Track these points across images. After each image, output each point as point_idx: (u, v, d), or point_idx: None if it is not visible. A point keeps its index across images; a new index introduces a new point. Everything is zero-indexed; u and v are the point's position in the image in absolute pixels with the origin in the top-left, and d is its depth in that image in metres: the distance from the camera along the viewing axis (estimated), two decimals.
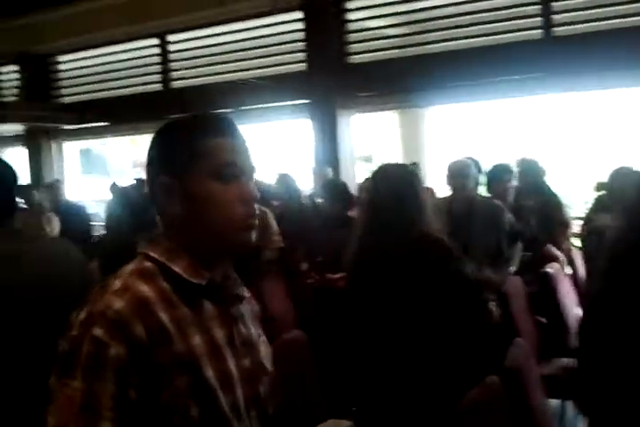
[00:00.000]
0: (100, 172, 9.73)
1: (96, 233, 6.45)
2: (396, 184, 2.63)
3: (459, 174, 3.78)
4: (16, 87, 9.06)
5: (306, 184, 5.99)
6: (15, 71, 9.22)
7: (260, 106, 7.39)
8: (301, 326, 3.82)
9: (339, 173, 6.57)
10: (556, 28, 5.88)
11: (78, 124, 8.89)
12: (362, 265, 2.69)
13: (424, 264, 2.53)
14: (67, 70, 9.29)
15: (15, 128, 8.90)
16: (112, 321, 1.00)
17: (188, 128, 1.17)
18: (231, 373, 1.12)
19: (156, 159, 1.18)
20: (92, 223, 6.68)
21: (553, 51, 5.77)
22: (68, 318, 1.08)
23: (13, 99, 8.89)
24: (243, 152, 1.17)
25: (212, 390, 1.07)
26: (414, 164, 6.00)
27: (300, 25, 7.11)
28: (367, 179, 4.25)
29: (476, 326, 2.74)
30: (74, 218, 5.80)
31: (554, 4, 5.87)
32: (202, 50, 7.97)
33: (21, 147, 9.55)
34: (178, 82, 8.24)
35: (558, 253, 4.49)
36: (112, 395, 0.98)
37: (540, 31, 5.95)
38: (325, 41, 6.88)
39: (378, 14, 6.92)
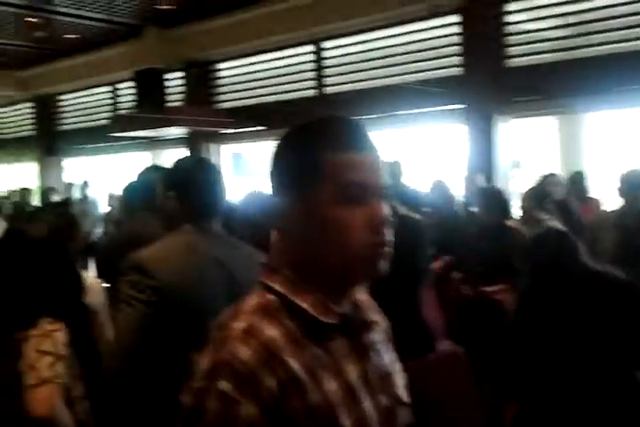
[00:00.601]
0: (248, 174, 10.08)
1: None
2: None
3: (634, 186, 3.54)
4: (180, 93, 9.60)
5: (459, 191, 5.88)
6: (180, 78, 9.76)
7: (414, 111, 7.35)
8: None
9: (493, 180, 6.39)
10: None
11: (235, 128, 9.28)
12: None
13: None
14: (226, 77, 9.75)
15: (179, 131, 9.44)
16: (240, 374, 0.90)
17: (312, 139, 1.02)
18: (369, 417, 1.01)
19: (278, 172, 1.04)
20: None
21: None
22: None
23: (178, 104, 9.42)
24: (374, 169, 1.01)
25: None
26: (578, 173, 5.72)
27: (457, 29, 6.99)
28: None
29: None
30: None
31: None
32: (356, 55, 8.06)
33: (182, 149, 10.10)
34: (332, 87, 8.38)
35: None
36: None
37: None
38: (483, 44, 6.71)
39: (539, 16, 6.66)
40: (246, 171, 10.20)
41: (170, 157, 10.65)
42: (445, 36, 7.18)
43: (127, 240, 3.11)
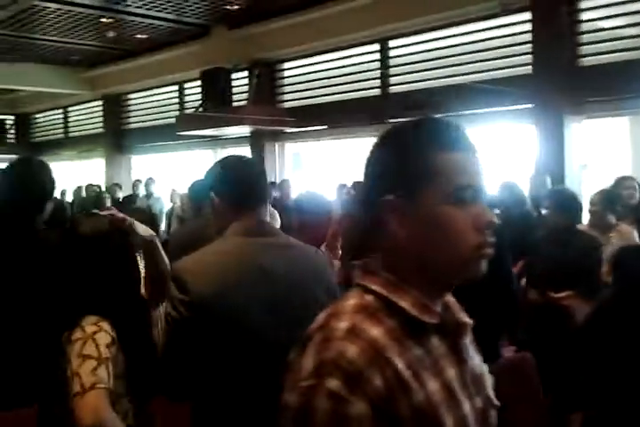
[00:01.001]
0: (308, 171, 10.13)
1: None
2: None
3: None
4: (245, 92, 9.70)
5: (528, 192, 5.74)
6: (245, 77, 9.87)
7: (482, 110, 7.23)
8: None
9: (564, 181, 6.22)
10: None
11: (299, 127, 9.32)
12: None
13: None
14: (290, 76, 9.81)
15: (242, 130, 9.54)
16: (348, 373, 0.89)
17: (419, 139, 1.02)
18: (467, 418, 1.01)
19: (380, 174, 1.04)
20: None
21: None
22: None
23: (242, 103, 9.52)
24: (479, 171, 1.03)
25: None
26: None
27: (528, 26, 6.83)
28: None
29: None
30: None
31: None
32: (422, 54, 7.99)
33: (245, 147, 10.20)
34: (398, 86, 8.32)
35: None
36: None
37: None
38: (554, 43, 6.54)
39: (612, 14, 6.45)
40: (305, 168, 10.25)
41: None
42: (516, 34, 7.04)
43: (190, 238, 3.16)
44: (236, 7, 8.53)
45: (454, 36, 7.62)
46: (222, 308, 1.70)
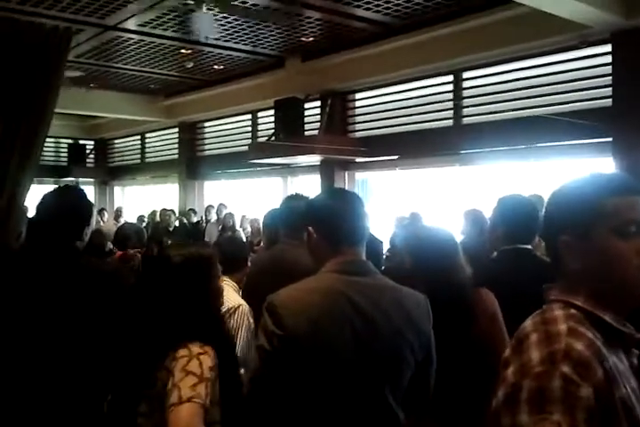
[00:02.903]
0: (372, 201, 10.13)
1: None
2: None
3: None
4: (317, 121, 9.81)
5: None
6: (317, 107, 10.00)
7: (557, 143, 7.09)
8: None
9: None
10: None
11: (369, 157, 9.35)
12: None
13: None
14: (361, 106, 9.87)
15: (313, 159, 9.63)
16: (578, 361, 1.06)
17: (588, 187, 1.25)
18: None
19: (559, 217, 1.26)
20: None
21: None
22: None
23: (314, 132, 9.63)
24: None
25: None
26: None
27: (608, 59, 6.68)
28: None
29: None
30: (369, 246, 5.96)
31: None
32: (496, 86, 7.92)
33: (315, 176, 10.29)
34: (470, 118, 8.26)
35: None
36: None
37: None
38: (635, 76, 6.36)
39: None
40: (373, 197, 10.25)
41: (302, 183, 10.90)
42: (595, 66, 6.90)
43: (265, 267, 3.19)
44: (310, 39, 8.69)
45: (529, 68, 7.53)
46: (314, 345, 1.74)
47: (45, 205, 2.55)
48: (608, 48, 6.66)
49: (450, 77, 8.49)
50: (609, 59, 6.67)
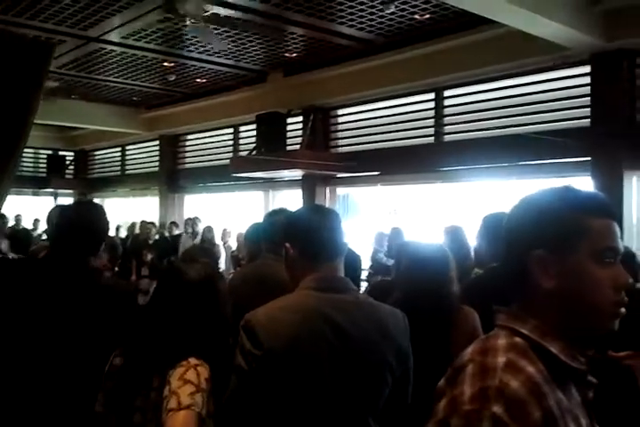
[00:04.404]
0: (354, 216, 10.16)
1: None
2: None
3: None
4: (299, 136, 9.84)
5: None
6: (299, 122, 10.03)
7: (537, 161, 7.16)
8: None
9: (622, 235, 6.04)
10: None
11: (350, 172, 9.37)
12: None
13: None
14: (343, 122, 9.92)
15: (295, 173, 9.64)
16: (511, 401, 0.97)
17: (577, 204, 1.14)
18: None
19: (533, 230, 1.14)
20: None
21: None
22: None
23: (296, 147, 9.65)
24: (618, 235, 1.14)
25: None
26: None
27: (587, 80, 6.79)
28: None
29: None
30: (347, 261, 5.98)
31: None
32: (478, 104, 8.00)
33: (296, 190, 10.29)
34: (451, 135, 8.33)
35: None
36: None
37: None
38: (614, 97, 6.47)
39: None
40: (352, 212, 10.27)
41: (284, 197, 10.90)
42: (574, 86, 7.01)
43: (247, 281, 3.17)
44: (293, 55, 8.73)
45: (508, 87, 7.63)
46: (291, 364, 1.73)
47: (66, 220, 2.53)
48: (587, 69, 6.77)
49: (432, 95, 8.57)
50: (588, 79, 6.78)
